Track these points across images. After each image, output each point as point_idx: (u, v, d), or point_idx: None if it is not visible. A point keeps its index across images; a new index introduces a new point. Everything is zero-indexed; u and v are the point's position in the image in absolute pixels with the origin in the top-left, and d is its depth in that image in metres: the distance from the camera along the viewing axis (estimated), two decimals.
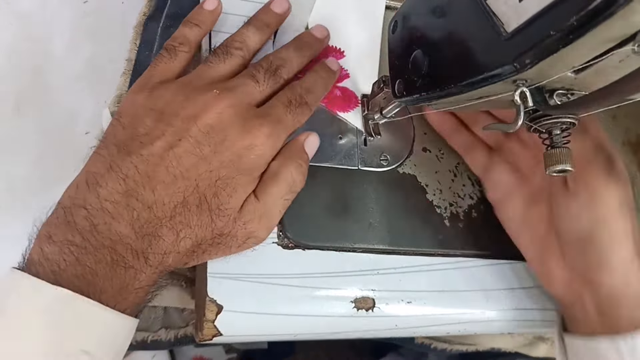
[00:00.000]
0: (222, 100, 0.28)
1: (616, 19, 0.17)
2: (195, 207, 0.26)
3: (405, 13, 0.29)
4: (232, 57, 0.31)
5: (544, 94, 0.23)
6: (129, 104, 0.28)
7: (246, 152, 0.28)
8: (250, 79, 0.30)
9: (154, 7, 0.42)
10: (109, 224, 0.24)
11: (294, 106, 0.31)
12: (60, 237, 0.24)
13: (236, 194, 0.28)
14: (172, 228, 0.25)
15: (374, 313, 0.33)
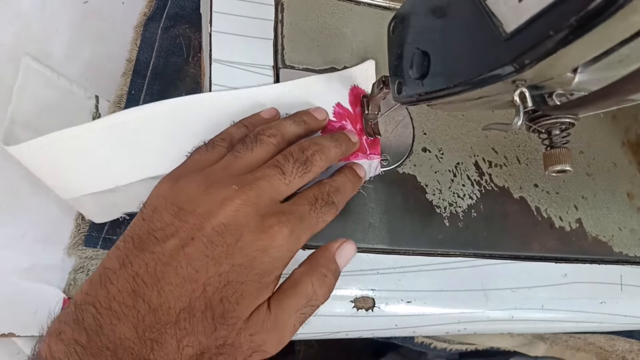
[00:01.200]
0: (240, 196, 0.26)
1: (616, 19, 0.17)
2: (200, 313, 0.24)
3: (405, 13, 0.29)
4: (262, 145, 0.29)
5: (543, 94, 0.23)
6: (154, 193, 0.27)
7: (260, 255, 0.25)
8: (276, 170, 0.28)
9: (155, 8, 0.42)
10: (114, 325, 0.23)
11: (319, 205, 0.28)
12: (68, 336, 0.23)
13: (243, 301, 0.25)
14: (174, 335, 0.24)
15: (373, 313, 0.33)
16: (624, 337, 0.45)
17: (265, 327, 0.26)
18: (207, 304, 0.24)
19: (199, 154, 0.30)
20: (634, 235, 0.44)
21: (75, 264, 0.34)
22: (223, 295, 0.25)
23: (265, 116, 0.33)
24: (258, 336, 0.26)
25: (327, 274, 0.28)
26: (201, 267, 0.24)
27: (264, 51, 0.37)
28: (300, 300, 0.27)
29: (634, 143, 0.48)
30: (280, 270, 0.27)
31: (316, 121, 0.33)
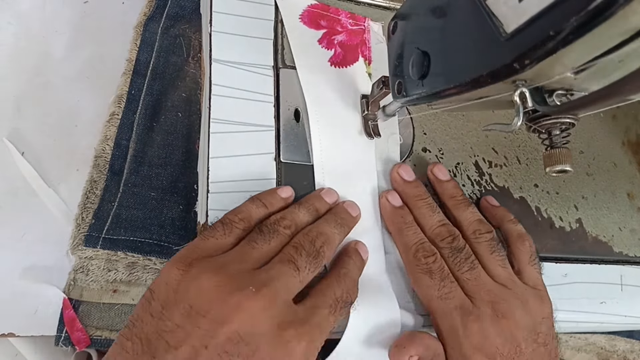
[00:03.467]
0: (257, 302, 0.25)
1: (616, 20, 0.17)
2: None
3: (405, 13, 0.29)
4: (278, 236, 0.29)
5: (543, 94, 0.23)
6: (163, 280, 0.26)
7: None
8: (290, 267, 0.27)
9: (155, 8, 0.42)
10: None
11: (339, 307, 0.28)
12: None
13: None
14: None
15: None
16: (624, 337, 0.45)
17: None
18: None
19: (215, 236, 0.28)
20: (634, 235, 0.44)
21: (75, 264, 0.34)
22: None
23: (282, 195, 0.32)
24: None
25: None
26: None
27: (264, 51, 0.37)
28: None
29: (634, 143, 0.48)
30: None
31: (327, 206, 0.33)
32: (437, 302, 0.31)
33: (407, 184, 0.36)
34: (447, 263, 0.33)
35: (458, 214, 0.35)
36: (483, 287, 0.32)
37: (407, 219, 0.34)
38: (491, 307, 0.31)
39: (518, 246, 0.35)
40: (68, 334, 0.32)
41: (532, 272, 0.34)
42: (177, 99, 0.39)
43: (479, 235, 0.34)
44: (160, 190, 0.37)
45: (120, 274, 0.34)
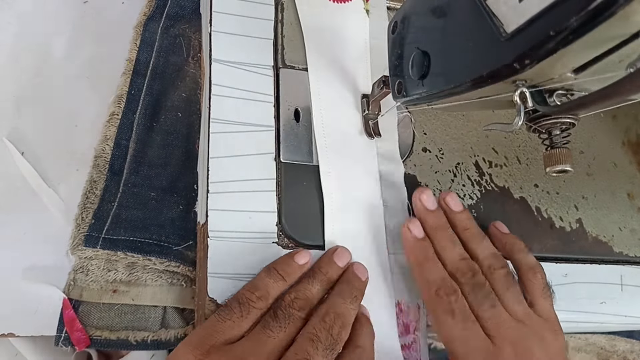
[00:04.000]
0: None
1: (616, 20, 0.17)
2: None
3: (405, 13, 0.29)
4: (293, 320, 0.29)
5: (543, 94, 0.23)
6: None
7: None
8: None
9: (155, 8, 0.42)
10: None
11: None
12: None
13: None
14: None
15: None
16: (624, 337, 0.45)
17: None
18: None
19: (232, 319, 0.28)
20: (634, 235, 0.44)
21: (75, 264, 0.34)
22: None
23: (300, 262, 0.32)
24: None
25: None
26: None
27: (264, 51, 0.37)
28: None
29: (634, 143, 0.48)
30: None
31: (339, 271, 0.33)
32: (459, 343, 0.31)
33: (429, 213, 0.35)
34: (467, 300, 0.32)
35: (473, 248, 0.35)
36: (503, 325, 0.32)
37: (429, 253, 0.34)
38: (512, 346, 0.31)
39: (530, 278, 0.35)
40: (68, 334, 0.32)
41: (545, 305, 0.34)
42: (177, 99, 0.39)
43: (494, 270, 0.33)
44: (160, 190, 0.37)
45: (120, 274, 0.34)
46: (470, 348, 0.31)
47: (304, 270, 0.32)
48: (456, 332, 0.31)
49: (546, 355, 0.32)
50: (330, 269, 0.32)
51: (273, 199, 0.34)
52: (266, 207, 0.33)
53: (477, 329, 0.31)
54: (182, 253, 0.35)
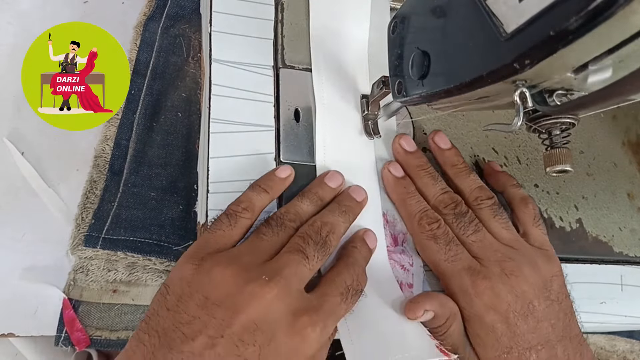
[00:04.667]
0: (271, 290, 0.25)
1: (616, 20, 0.17)
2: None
3: (405, 13, 0.29)
4: (285, 229, 0.30)
5: (543, 94, 0.23)
6: (176, 277, 0.27)
7: (294, 356, 0.25)
8: (300, 256, 0.28)
9: (155, 7, 0.42)
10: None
11: (350, 294, 0.28)
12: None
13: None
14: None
15: None
16: (624, 337, 0.45)
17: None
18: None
19: (222, 228, 0.29)
20: (634, 235, 0.44)
21: (75, 264, 0.34)
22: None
23: (281, 175, 0.33)
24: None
25: None
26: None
27: (264, 51, 0.37)
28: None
29: (634, 143, 0.48)
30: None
31: (331, 192, 0.33)
32: (445, 265, 0.32)
33: (409, 155, 0.36)
34: (451, 228, 0.33)
35: (459, 182, 0.36)
36: (489, 248, 0.32)
37: (409, 188, 0.35)
38: (499, 266, 0.31)
39: (522, 209, 0.36)
40: (68, 334, 0.32)
41: (537, 233, 0.35)
42: (177, 99, 0.39)
43: (481, 201, 0.34)
44: (160, 190, 0.37)
45: (120, 274, 0.34)
46: (456, 268, 0.32)
47: (286, 184, 0.33)
48: (441, 255, 0.32)
49: (539, 278, 0.32)
50: (320, 189, 0.33)
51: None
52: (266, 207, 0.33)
53: (462, 251, 0.32)
54: (182, 253, 0.35)
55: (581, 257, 0.41)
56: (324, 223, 0.30)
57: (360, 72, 0.39)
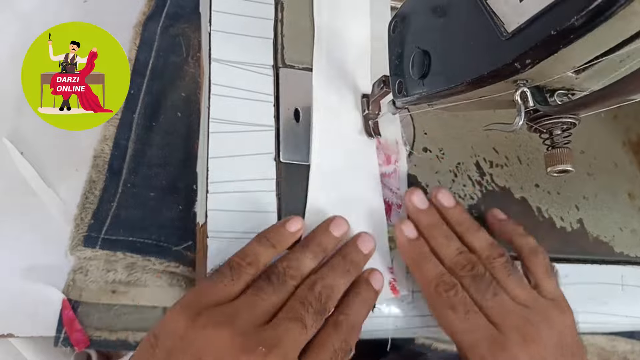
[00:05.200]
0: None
1: (617, 19, 0.17)
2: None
3: (406, 13, 0.29)
4: (286, 286, 0.29)
5: (544, 94, 0.23)
6: (169, 327, 0.26)
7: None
8: (298, 325, 0.27)
9: (154, 7, 0.42)
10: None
11: (339, 357, 0.28)
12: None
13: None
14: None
15: (373, 313, 0.33)
16: (624, 338, 0.45)
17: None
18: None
19: (223, 282, 0.28)
20: (635, 235, 0.44)
21: (74, 264, 0.34)
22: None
23: (291, 230, 0.32)
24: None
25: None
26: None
27: (264, 50, 0.37)
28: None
29: (634, 143, 0.48)
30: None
31: (335, 242, 0.33)
32: (463, 335, 0.31)
33: (421, 212, 0.35)
34: (468, 292, 0.32)
35: (469, 240, 0.34)
36: (507, 312, 0.31)
37: (424, 250, 0.34)
38: (518, 332, 0.30)
39: (532, 260, 0.34)
40: (67, 335, 0.32)
41: (549, 284, 0.34)
42: (176, 99, 0.39)
43: (493, 259, 0.33)
44: (159, 190, 0.37)
45: (120, 274, 0.34)
46: (475, 338, 0.31)
47: (295, 238, 0.32)
48: (459, 325, 0.31)
49: (555, 335, 0.31)
50: (324, 238, 0.32)
51: (273, 199, 0.34)
52: (266, 207, 0.33)
53: (480, 319, 0.31)
54: (182, 253, 0.35)
55: (582, 257, 0.41)
56: (324, 287, 0.30)
57: (361, 72, 0.39)
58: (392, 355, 0.59)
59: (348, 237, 0.34)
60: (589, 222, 0.43)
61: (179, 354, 0.24)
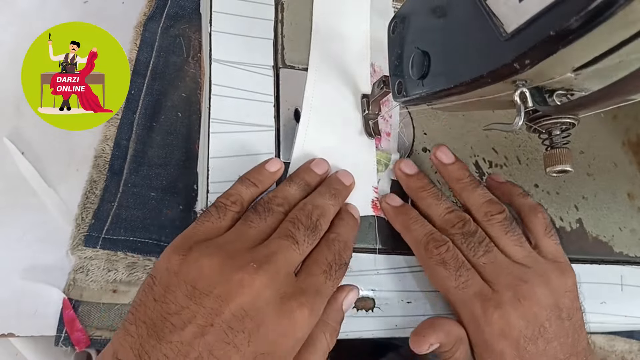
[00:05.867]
0: (259, 277, 0.25)
1: (616, 19, 0.17)
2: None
3: (405, 13, 0.29)
4: (273, 214, 0.30)
5: (543, 94, 0.23)
6: (163, 267, 0.26)
7: (282, 339, 0.25)
8: (290, 241, 0.28)
9: (154, 7, 0.42)
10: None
11: (334, 270, 0.29)
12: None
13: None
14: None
15: (374, 313, 0.33)
16: (623, 338, 0.45)
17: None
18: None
19: (210, 220, 0.29)
20: (634, 235, 0.44)
21: (75, 264, 0.34)
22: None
23: (271, 169, 0.32)
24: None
25: (336, 326, 0.29)
26: (223, 356, 0.24)
27: (264, 51, 0.37)
28: (320, 356, 0.28)
29: (634, 143, 0.48)
30: (300, 345, 0.27)
31: (317, 178, 0.33)
32: (455, 292, 0.31)
33: (410, 178, 0.35)
34: (461, 250, 0.32)
35: (466, 197, 0.34)
36: (501, 270, 0.31)
37: (411, 214, 0.34)
38: (512, 290, 0.30)
39: (531, 219, 0.34)
40: (68, 334, 0.32)
41: (549, 244, 0.33)
42: (177, 99, 0.39)
43: (491, 216, 0.33)
44: (160, 190, 0.37)
45: (120, 274, 0.34)
46: (467, 295, 0.30)
47: (276, 177, 0.33)
48: (451, 282, 0.31)
49: (552, 296, 0.30)
50: (307, 175, 0.33)
51: None
52: None
53: (472, 275, 0.31)
54: None
55: (581, 257, 0.41)
56: (315, 207, 0.30)
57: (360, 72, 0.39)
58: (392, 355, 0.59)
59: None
60: (589, 222, 0.43)
61: (175, 288, 0.25)
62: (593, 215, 0.43)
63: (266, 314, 0.25)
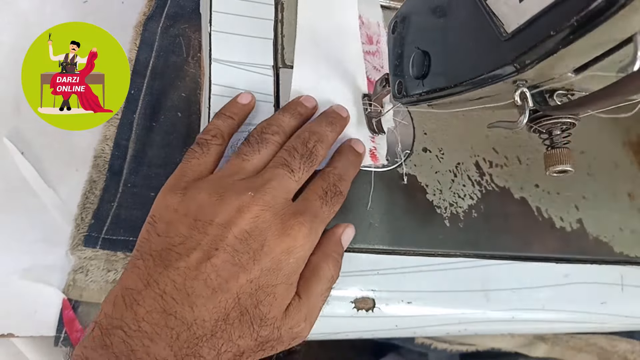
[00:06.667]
0: (257, 202, 0.26)
1: (617, 19, 0.17)
2: (237, 321, 0.25)
3: (405, 13, 0.29)
4: (267, 144, 0.30)
5: (544, 94, 0.23)
6: (162, 206, 0.27)
7: (285, 257, 0.26)
8: (285, 169, 0.28)
9: (154, 7, 0.42)
10: (147, 346, 0.22)
11: (329, 197, 0.29)
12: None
13: (277, 301, 0.26)
14: (213, 346, 0.24)
15: (374, 313, 0.33)
16: (625, 338, 0.45)
17: (301, 317, 0.27)
18: (243, 310, 0.25)
19: (195, 157, 0.29)
20: (634, 235, 0.44)
21: (74, 264, 0.34)
22: (257, 300, 0.25)
23: (243, 101, 0.33)
24: (297, 327, 0.27)
25: (338, 258, 0.30)
26: (231, 276, 0.25)
27: (264, 51, 0.37)
28: (325, 284, 0.29)
29: (635, 143, 0.48)
30: (302, 266, 0.28)
31: (308, 110, 0.33)
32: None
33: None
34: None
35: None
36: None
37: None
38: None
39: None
40: (67, 334, 0.32)
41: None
42: (176, 99, 0.39)
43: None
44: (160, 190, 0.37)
45: (120, 274, 0.34)
46: None
47: (249, 108, 0.33)
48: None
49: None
50: (299, 106, 0.33)
51: None
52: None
53: None
54: None
55: (581, 257, 0.41)
56: (312, 133, 0.30)
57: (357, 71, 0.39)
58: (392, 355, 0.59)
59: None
60: (589, 222, 0.43)
61: (177, 222, 0.26)
62: (593, 215, 0.43)
63: (268, 233, 0.26)
